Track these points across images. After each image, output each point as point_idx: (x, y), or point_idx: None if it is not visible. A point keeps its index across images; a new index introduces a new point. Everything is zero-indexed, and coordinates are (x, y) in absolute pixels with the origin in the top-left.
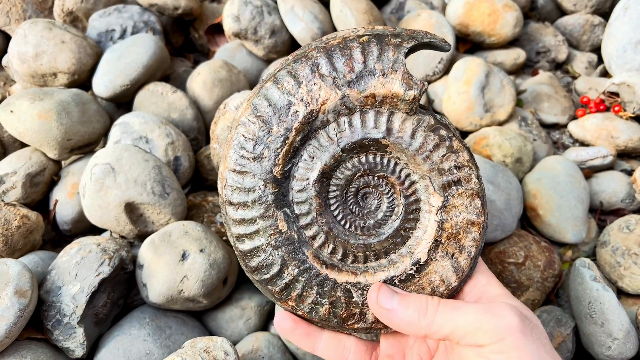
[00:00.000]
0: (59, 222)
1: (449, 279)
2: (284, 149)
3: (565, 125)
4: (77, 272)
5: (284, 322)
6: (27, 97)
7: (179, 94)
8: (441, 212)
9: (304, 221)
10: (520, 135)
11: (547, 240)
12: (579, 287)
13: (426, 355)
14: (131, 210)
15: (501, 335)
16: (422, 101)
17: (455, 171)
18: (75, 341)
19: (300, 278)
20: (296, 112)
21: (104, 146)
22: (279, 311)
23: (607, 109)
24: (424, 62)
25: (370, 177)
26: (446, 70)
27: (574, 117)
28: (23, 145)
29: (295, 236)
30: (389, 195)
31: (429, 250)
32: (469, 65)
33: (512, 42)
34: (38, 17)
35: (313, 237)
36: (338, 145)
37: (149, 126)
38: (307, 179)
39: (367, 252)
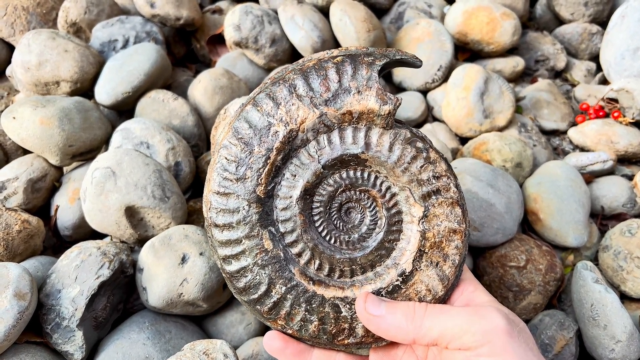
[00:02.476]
0: (60, 228)
1: (435, 287)
2: (266, 169)
3: (564, 132)
4: (77, 275)
5: (273, 341)
6: (30, 104)
7: (180, 101)
8: (423, 222)
9: (289, 239)
10: (520, 140)
11: (549, 244)
12: (581, 289)
13: None
14: (132, 214)
15: (488, 338)
16: (422, 108)
17: (433, 181)
18: (74, 344)
19: (288, 296)
20: (276, 132)
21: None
22: (269, 331)
23: (606, 115)
24: (423, 69)
25: (352, 192)
26: (445, 78)
27: (573, 124)
28: (25, 152)
29: (281, 254)
30: (372, 208)
31: (413, 260)
32: (468, 72)
33: (511, 51)
34: (42, 28)
35: (299, 254)
36: (319, 162)
37: (150, 132)
38: (291, 197)
39: (354, 266)
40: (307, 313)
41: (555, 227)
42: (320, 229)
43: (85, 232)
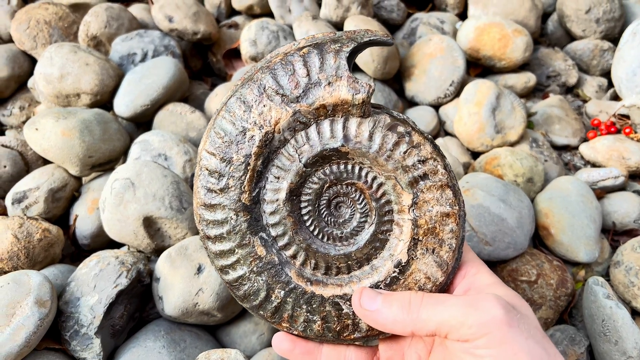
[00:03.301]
0: (79, 237)
1: (434, 275)
2: (247, 176)
3: (576, 147)
4: (96, 283)
5: (281, 343)
6: (52, 116)
7: (197, 114)
8: (413, 210)
9: (281, 242)
10: (531, 155)
11: (560, 259)
12: (592, 305)
13: (424, 351)
14: (149, 224)
15: (486, 330)
16: (434, 123)
17: (419, 166)
18: (92, 352)
19: (288, 299)
20: (252, 137)
21: (123, 164)
22: (277, 333)
23: (617, 131)
24: (435, 85)
25: (339, 187)
26: (457, 93)
27: (584, 139)
28: (46, 162)
29: (276, 259)
30: (360, 201)
31: (408, 250)
32: (480, 88)
33: (522, 67)
34: (63, 41)
35: (293, 257)
36: (300, 162)
37: (168, 144)
38: (277, 200)
39: (349, 262)
40: (309, 314)
41: (567, 242)
42: (311, 228)
43: (102, 241)
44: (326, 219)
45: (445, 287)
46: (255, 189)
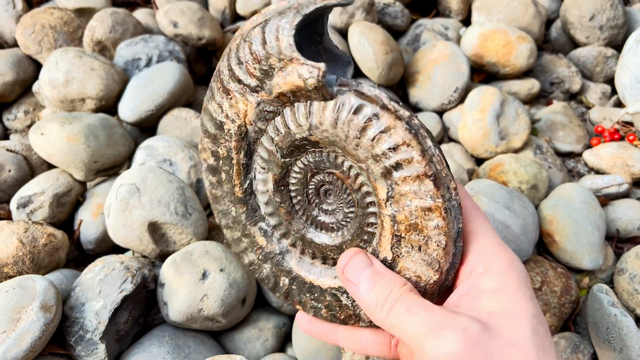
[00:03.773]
0: (83, 242)
1: (425, 273)
2: (234, 169)
3: (580, 154)
4: (101, 289)
5: (301, 323)
6: (57, 121)
7: None
8: (390, 204)
9: (279, 232)
10: (535, 162)
11: (564, 267)
12: (597, 312)
13: None
14: (154, 229)
15: None
16: (438, 129)
17: (390, 154)
18: (97, 357)
19: (293, 287)
20: (229, 130)
21: (128, 169)
22: (299, 311)
23: (621, 138)
24: (439, 91)
25: (322, 175)
26: (461, 99)
27: (588, 146)
28: (50, 167)
29: (276, 248)
30: (345, 190)
31: (391, 247)
32: (484, 94)
33: (526, 73)
34: (68, 46)
35: (293, 245)
36: (277, 153)
37: (173, 149)
38: (267, 191)
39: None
40: (314, 302)
41: (571, 249)
42: (304, 218)
43: (107, 246)
44: (317, 208)
45: (448, 284)
46: (245, 181)
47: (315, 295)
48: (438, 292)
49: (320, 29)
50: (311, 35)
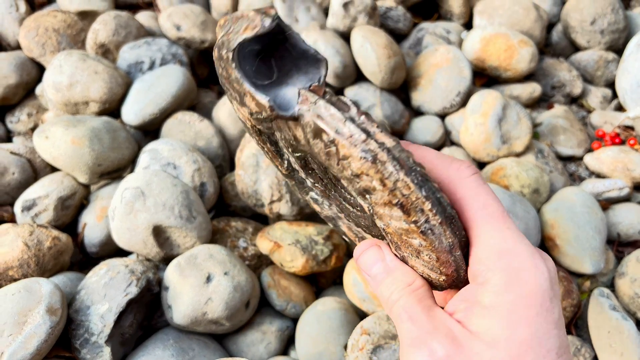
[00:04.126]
0: (87, 245)
1: (430, 274)
2: (270, 154)
3: (581, 158)
4: (106, 292)
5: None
6: (62, 124)
7: (205, 123)
8: (377, 219)
9: (325, 202)
10: (537, 166)
11: (565, 270)
12: (598, 316)
13: None
14: (158, 233)
15: None
16: (440, 132)
17: (356, 180)
18: None
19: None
20: (248, 128)
21: (132, 172)
22: None
23: (622, 142)
24: (442, 95)
25: (330, 174)
26: (463, 103)
27: (589, 150)
28: (53, 169)
29: (330, 214)
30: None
31: (395, 249)
32: (486, 98)
33: (527, 77)
34: (72, 49)
35: (340, 211)
36: (289, 148)
37: (177, 153)
38: (299, 170)
39: (374, 233)
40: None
41: (572, 253)
42: (337, 195)
43: (111, 249)
44: (342, 188)
45: (462, 278)
46: (284, 162)
47: None
48: (457, 283)
49: (279, 27)
50: (275, 35)
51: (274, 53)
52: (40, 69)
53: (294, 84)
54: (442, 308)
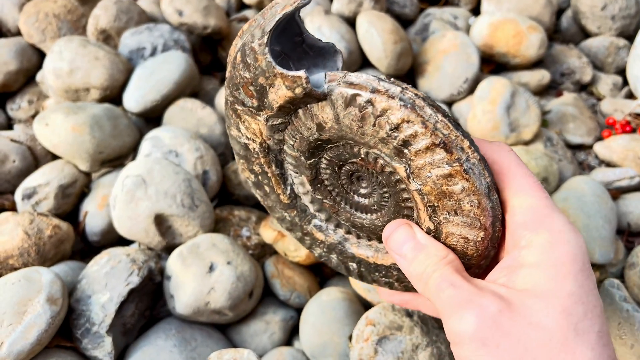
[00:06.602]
0: (88, 234)
1: (469, 234)
2: (272, 181)
3: (590, 146)
4: (107, 281)
5: (383, 294)
6: (62, 111)
7: (208, 110)
8: (413, 180)
9: (332, 225)
10: (546, 155)
11: None
12: (608, 308)
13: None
14: (160, 221)
15: (458, 340)
16: None
17: (395, 134)
18: (103, 350)
19: (362, 269)
20: (254, 149)
21: (133, 160)
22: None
23: (633, 130)
24: (449, 82)
25: (348, 165)
26: (471, 90)
27: (599, 138)
28: (54, 157)
29: (335, 239)
30: (372, 174)
31: (430, 218)
32: (495, 85)
33: (536, 64)
34: (72, 35)
35: (348, 233)
36: (301, 157)
37: (179, 140)
38: (307, 191)
39: None
40: (384, 278)
41: None
42: (347, 207)
43: (112, 238)
44: (355, 194)
45: (497, 235)
46: (287, 188)
47: (383, 272)
48: (492, 246)
49: (297, 29)
50: (292, 37)
51: (292, 55)
52: (41, 56)
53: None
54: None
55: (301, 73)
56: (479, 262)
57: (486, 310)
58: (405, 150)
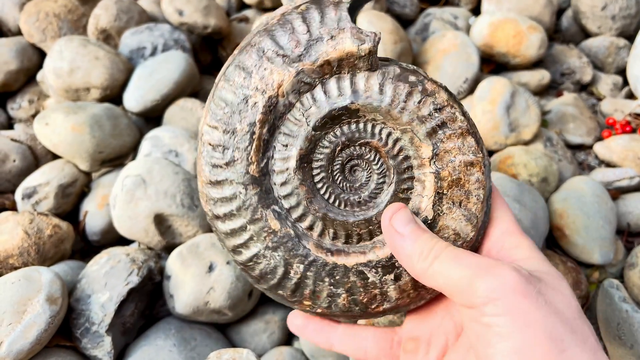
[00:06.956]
0: (88, 233)
1: (464, 230)
2: (254, 145)
3: (590, 147)
4: (107, 281)
5: (295, 319)
6: (62, 111)
7: None
8: (434, 162)
9: (296, 214)
10: (545, 155)
11: (574, 261)
12: (608, 308)
13: (452, 335)
14: (160, 221)
15: (495, 295)
16: None
17: (436, 114)
18: (103, 350)
19: (308, 274)
20: (255, 103)
21: (133, 159)
22: (293, 310)
23: (633, 131)
24: (449, 81)
25: (352, 148)
26: (471, 90)
27: (599, 138)
28: (54, 157)
29: (292, 232)
30: (377, 161)
31: (433, 206)
32: (495, 85)
33: (536, 64)
34: (73, 34)
35: (310, 228)
36: (308, 125)
37: (179, 140)
38: (287, 169)
39: (371, 227)
40: (332, 287)
41: (581, 243)
42: (326, 196)
43: (112, 238)
44: (341, 185)
45: (476, 245)
46: (263, 160)
47: (337, 277)
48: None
49: (354, 19)
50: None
51: None
52: (41, 55)
53: None
54: None
55: (377, 31)
56: None
57: (520, 271)
58: (440, 131)
